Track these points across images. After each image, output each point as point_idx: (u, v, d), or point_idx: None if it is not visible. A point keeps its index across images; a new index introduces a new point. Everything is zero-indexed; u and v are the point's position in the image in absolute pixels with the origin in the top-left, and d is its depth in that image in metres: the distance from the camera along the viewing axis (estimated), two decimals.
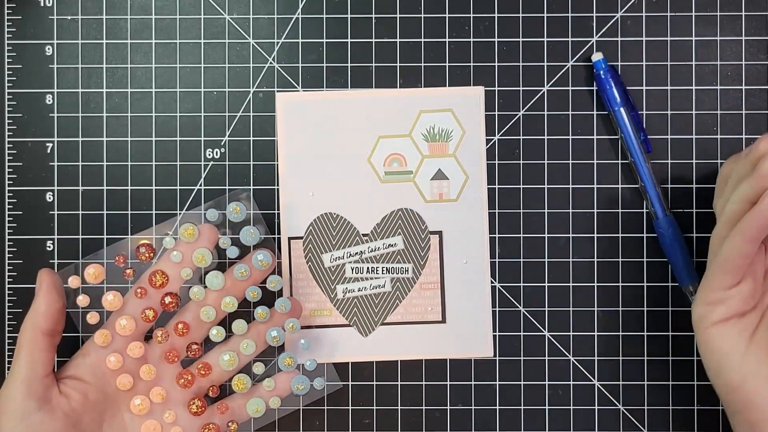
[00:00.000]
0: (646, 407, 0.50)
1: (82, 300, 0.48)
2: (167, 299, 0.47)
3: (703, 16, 0.50)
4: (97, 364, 0.46)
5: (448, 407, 0.50)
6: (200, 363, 0.48)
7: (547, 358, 0.50)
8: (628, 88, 0.50)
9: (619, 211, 0.50)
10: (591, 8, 0.50)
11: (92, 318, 0.48)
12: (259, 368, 0.49)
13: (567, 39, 0.50)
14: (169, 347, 0.48)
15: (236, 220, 0.48)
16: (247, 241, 0.48)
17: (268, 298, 0.48)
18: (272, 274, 0.48)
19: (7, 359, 0.50)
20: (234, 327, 0.48)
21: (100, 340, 0.46)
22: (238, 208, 0.48)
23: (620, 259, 0.50)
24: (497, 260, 0.50)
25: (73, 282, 0.48)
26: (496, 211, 0.50)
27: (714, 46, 0.50)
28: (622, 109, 0.49)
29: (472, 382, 0.50)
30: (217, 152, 0.51)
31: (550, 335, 0.50)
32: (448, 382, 0.50)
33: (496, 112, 0.51)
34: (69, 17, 0.51)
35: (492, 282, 0.50)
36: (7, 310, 0.50)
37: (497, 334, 0.50)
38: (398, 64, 0.50)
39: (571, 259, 0.50)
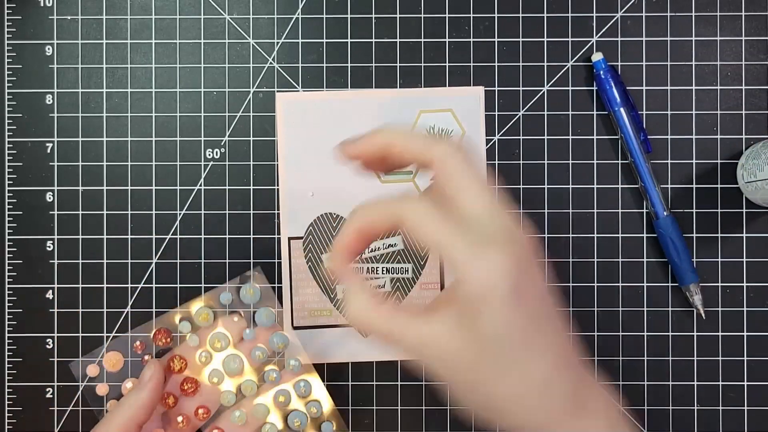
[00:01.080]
0: (646, 407, 0.50)
1: (102, 389, 0.49)
2: (186, 384, 0.48)
3: (703, 16, 0.50)
4: None
5: (448, 407, 0.50)
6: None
7: None
8: (628, 88, 0.50)
9: (619, 211, 0.50)
10: (591, 8, 0.50)
11: (113, 407, 0.48)
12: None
13: (567, 39, 0.50)
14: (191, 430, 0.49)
15: (251, 302, 0.49)
16: (262, 322, 0.49)
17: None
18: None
19: (6, 359, 0.50)
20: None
21: None
22: (252, 291, 0.49)
23: (620, 259, 0.50)
24: None
25: (92, 371, 0.49)
26: None
27: (714, 46, 0.50)
28: (622, 109, 0.49)
29: None
30: (217, 152, 0.51)
31: None
32: None
33: (496, 112, 0.51)
34: (69, 17, 0.51)
35: None
36: (7, 310, 0.50)
37: None
38: (398, 64, 0.50)
39: (571, 259, 0.50)
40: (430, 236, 0.33)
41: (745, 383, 0.50)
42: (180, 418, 0.47)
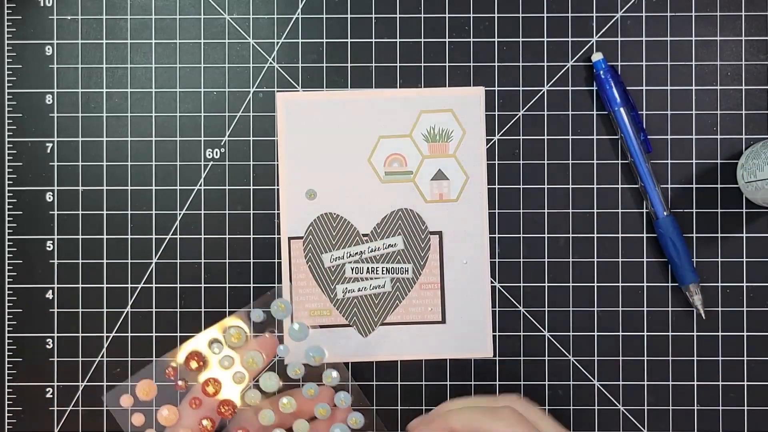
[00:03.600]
0: (646, 407, 0.50)
1: (138, 419, 0.49)
2: (223, 407, 0.47)
3: (703, 16, 0.51)
4: None
5: None
6: None
7: (547, 358, 0.50)
8: (628, 88, 0.50)
9: (619, 211, 0.50)
10: (591, 8, 0.50)
11: None
12: None
13: (567, 39, 0.50)
14: None
15: (281, 318, 0.49)
16: (295, 336, 0.49)
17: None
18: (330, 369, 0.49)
19: (6, 359, 0.50)
20: (295, 427, 0.48)
21: None
22: (282, 306, 0.49)
23: (620, 259, 0.50)
24: (497, 260, 0.50)
25: (125, 401, 0.49)
26: (496, 211, 0.50)
27: (714, 46, 0.50)
28: (622, 109, 0.49)
29: (472, 382, 0.50)
30: (217, 152, 0.51)
31: (550, 335, 0.50)
32: (448, 382, 0.50)
33: (496, 112, 0.51)
34: (69, 17, 0.51)
35: (492, 282, 0.50)
36: (7, 310, 0.50)
37: (497, 334, 0.50)
38: (398, 64, 0.50)
39: (571, 259, 0.50)
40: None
41: (745, 383, 0.50)
42: None
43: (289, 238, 0.50)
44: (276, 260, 0.50)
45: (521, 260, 0.50)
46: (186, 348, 0.49)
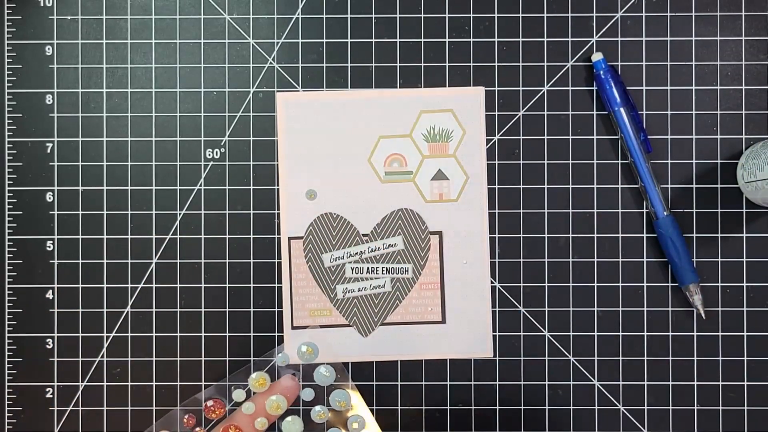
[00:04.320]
0: (646, 407, 0.50)
1: None
2: None
3: (703, 16, 0.51)
4: None
5: (448, 407, 0.50)
6: None
7: (547, 358, 0.50)
8: (628, 88, 0.50)
9: (619, 211, 0.50)
10: (591, 8, 0.50)
11: None
12: None
13: (567, 39, 0.50)
14: None
15: (309, 362, 0.49)
16: (321, 380, 0.49)
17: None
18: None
19: (6, 359, 0.50)
20: None
21: None
22: (311, 350, 0.48)
23: (620, 259, 0.50)
24: (497, 260, 0.50)
25: None
26: (496, 211, 0.50)
27: (714, 46, 0.50)
28: (622, 109, 0.49)
29: (472, 382, 0.50)
30: (217, 152, 0.51)
31: (550, 335, 0.50)
32: (448, 382, 0.50)
33: (496, 112, 0.51)
34: (69, 17, 0.51)
35: (492, 282, 0.50)
36: (7, 310, 0.50)
37: (497, 334, 0.50)
38: (398, 64, 0.50)
39: (571, 259, 0.50)
40: None
41: (745, 383, 0.50)
42: None
43: (289, 238, 0.50)
44: (276, 260, 0.50)
45: (521, 260, 0.50)
46: (205, 395, 0.49)
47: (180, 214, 0.50)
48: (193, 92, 0.51)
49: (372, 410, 0.50)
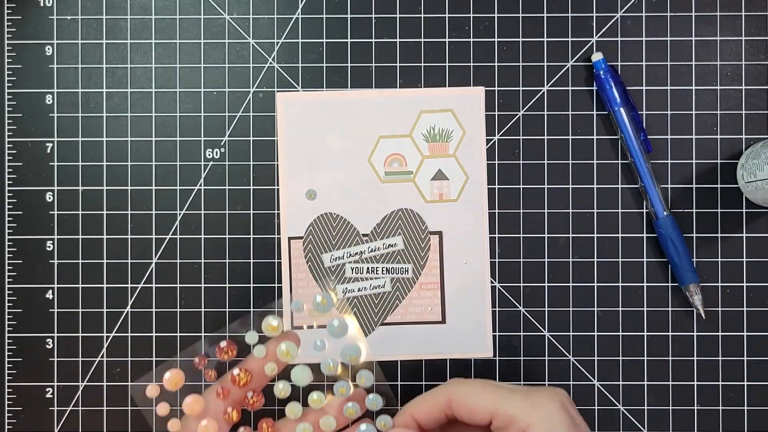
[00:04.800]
0: (646, 407, 0.50)
1: (163, 410, 0.47)
2: (252, 398, 0.46)
3: (703, 16, 0.51)
4: None
5: None
6: None
7: (547, 358, 0.50)
8: (628, 88, 0.50)
9: (619, 211, 0.50)
10: (591, 8, 0.50)
11: (173, 426, 0.46)
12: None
13: (567, 39, 0.50)
14: None
15: (323, 312, 0.47)
16: (334, 333, 0.47)
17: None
18: (364, 370, 0.48)
19: (6, 359, 0.50)
20: (322, 423, 0.46)
21: None
22: (325, 300, 0.47)
23: (620, 259, 0.50)
24: (497, 260, 0.50)
25: (152, 392, 0.47)
26: (496, 211, 0.50)
27: (714, 46, 0.50)
28: (622, 109, 0.49)
29: None
30: (217, 152, 0.51)
31: (550, 335, 0.50)
32: None
33: (496, 112, 0.51)
34: (69, 17, 0.51)
35: (492, 282, 0.50)
36: (7, 310, 0.50)
37: (497, 334, 0.50)
38: (398, 64, 0.51)
39: (571, 259, 0.50)
40: (482, 402, 0.41)
41: (745, 383, 0.50)
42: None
43: (289, 238, 0.50)
44: (276, 260, 0.50)
45: (521, 260, 0.50)
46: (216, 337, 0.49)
47: (180, 214, 0.50)
48: (193, 92, 0.51)
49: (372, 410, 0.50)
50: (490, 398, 0.41)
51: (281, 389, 0.46)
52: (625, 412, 0.50)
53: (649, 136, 0.50)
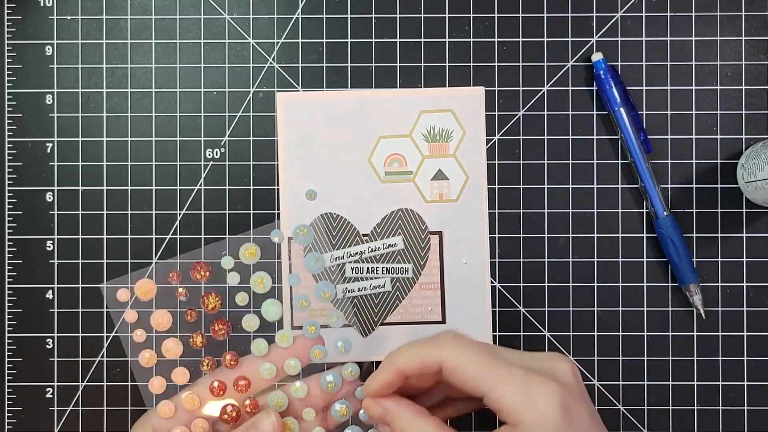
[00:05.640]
0: (646, 407, 0.50)
1: (131, 316, 0.48)
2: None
3: (703, 16, 0.51)
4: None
5: None
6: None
7: None
8: (628, 88, 0.50)
9: (619, 211, 0.50)
10: (591, 8, 0.50)
11: (139, 337, 0.48)
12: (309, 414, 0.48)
13: (567, 39, 0.50)
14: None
15: (303, 244, 0.48)
16: (311, 268, 0.48)
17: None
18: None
19: (6, 359, 0.50)
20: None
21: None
22: (305, 231, 0.48)
23: (620, 259, 0.50)
24: (497, 260, 0.50)
25: (122, 296, 0.48)
26: (496, 211, 0.50)
27: (714, 46, 0.50)
28: (622, 109, 0.49)
29: None
30: (217, 152, 0.51)
31: (550, 335, 0.50)
32: None
33: (496, 112, 0.51)
34: (69, 17, 0.51)
35: (492, 282, 0.50)
36: (7, 310, 0.50)
37: (497, 334, 0.50)
38: (398, 64, 0.51)
39: (571, 259, 0.50)
40: (475, 380, 0.38)
41: (745, 383, 0.50)
42: (230, 408, 0.47)
43: (289, 238, 0.50)
44: (276, 260, 0.50)
45: (521, 260, 0.50)
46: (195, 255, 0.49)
47: (180, 214, 0.50)
48: (193, 92, 0.51)
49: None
50: (484, 379, 0.39)
51: (250, 322, 0.47)
52: (625, 412, 0.50)
53: (649, 136, 0.50)
